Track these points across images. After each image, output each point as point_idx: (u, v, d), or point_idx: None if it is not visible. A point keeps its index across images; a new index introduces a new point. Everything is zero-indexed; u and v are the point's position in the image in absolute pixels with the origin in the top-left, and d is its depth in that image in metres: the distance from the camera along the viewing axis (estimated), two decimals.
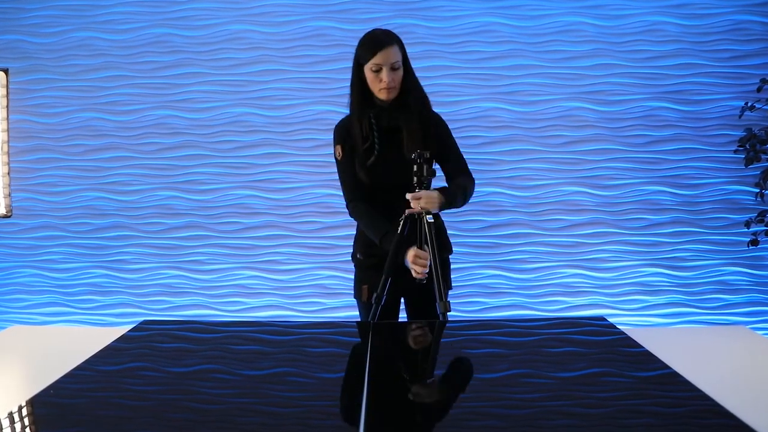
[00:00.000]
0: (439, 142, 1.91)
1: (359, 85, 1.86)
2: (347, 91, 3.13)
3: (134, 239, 3.24)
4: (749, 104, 2.85)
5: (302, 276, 3.20)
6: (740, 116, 2.89)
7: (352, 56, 2.95)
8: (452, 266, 2.04)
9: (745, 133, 2.86)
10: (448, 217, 3.04)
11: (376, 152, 1.85)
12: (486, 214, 3.11)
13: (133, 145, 3.19)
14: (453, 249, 2.08)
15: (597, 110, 3.06)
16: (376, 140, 1.84)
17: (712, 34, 3.00)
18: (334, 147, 1.95)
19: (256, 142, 3.15)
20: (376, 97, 1.86)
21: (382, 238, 1.82)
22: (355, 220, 1.96)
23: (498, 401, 1.25)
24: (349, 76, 3.00)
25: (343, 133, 1.93)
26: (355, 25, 3.04)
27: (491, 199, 3.11)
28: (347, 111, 1.96)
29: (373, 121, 1.85)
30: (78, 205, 3.25)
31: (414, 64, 3.11)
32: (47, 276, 3.29)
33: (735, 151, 2.96)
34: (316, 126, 3.10)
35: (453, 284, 2.11)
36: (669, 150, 3.07)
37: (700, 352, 1.67)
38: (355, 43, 2.93)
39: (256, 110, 3.14)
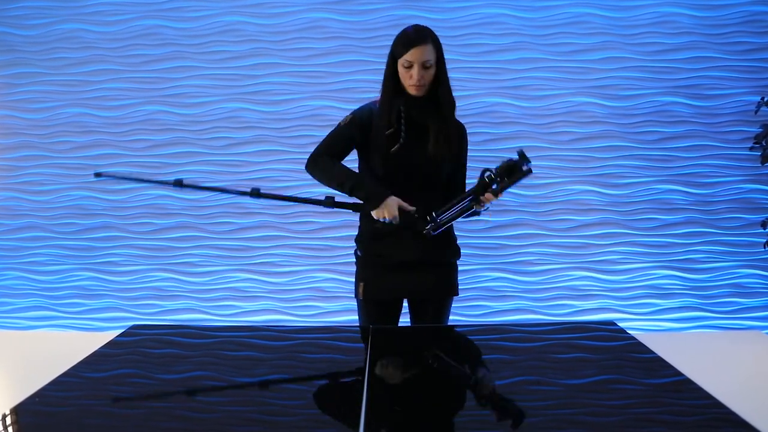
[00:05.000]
0: (458, 153, 1.94)
1: (392, 77, 1.85)
2: (346, 85, 3.16)
3: (123, 240, 3.17)
4: (765, 99, 2.80)
5: (299, 279, 3.13)
6: (756, 112, 2.83)
7: (350, 49, 2.99)
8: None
9: (761, 130, 2.80)
10: None
11: (401, 141, 1.84)
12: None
13: (122, 142, 3.12)
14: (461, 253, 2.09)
15: (606, 105, 2.99)
16: (402, 130, 1.85)
17: (727, 26, 2.93)
18: (347, 116, 1.91)
19: (251, 139, 3.07)
20: (407, 91, 1.86)
21: (355, 183, 1.81)
22: (315, 171, 1.87)
23: (503, 409, 1.24)
24: (347, 69, 3.04)
25: (365, 113, 1.90)
26: (353, 16, 2.96)
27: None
28: (346, 107, 1.96)
29: (402, 111, 1.86)
30: (64, 204, 3.17)
31: None
32: (32, 279, 3.22)
33: (750, 148, 2.90)
34: (313, 122, 3.02)
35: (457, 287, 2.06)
36: (681, 147, 3.01)
37: (714, 357, 1.67)
38: (354, 35, 2.97)
39: (251, 105, 3.06)
